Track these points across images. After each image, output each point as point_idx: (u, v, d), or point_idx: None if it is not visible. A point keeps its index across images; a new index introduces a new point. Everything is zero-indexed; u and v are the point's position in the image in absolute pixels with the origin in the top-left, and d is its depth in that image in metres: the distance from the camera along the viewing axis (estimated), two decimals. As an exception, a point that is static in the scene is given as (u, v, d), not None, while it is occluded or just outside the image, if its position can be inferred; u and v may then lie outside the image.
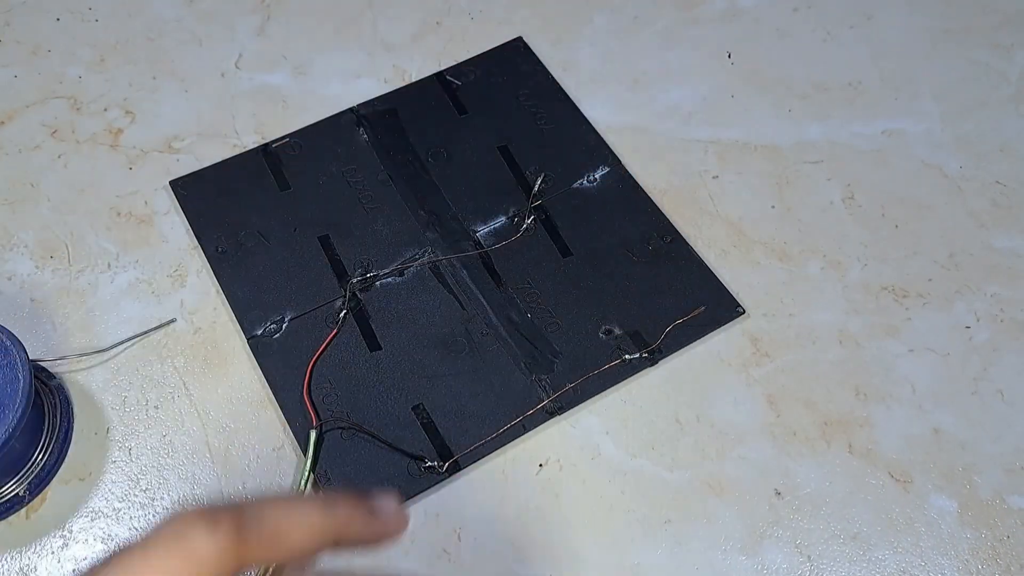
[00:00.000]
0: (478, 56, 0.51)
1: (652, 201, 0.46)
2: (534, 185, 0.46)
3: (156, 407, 0.40)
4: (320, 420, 0.39)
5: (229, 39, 0.52)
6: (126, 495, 0.38)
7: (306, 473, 0.37)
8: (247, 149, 0.48)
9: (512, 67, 0.51)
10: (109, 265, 0.44)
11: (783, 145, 0.48)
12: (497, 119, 0.49)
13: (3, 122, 0.49)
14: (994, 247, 0.45)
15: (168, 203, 0.46)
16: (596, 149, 0.48)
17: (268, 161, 0.47)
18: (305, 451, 0.38)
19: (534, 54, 0.51)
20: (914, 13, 0.53)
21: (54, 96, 0.50)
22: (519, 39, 0.52)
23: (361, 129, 0.48)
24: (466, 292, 0.43)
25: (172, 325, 0.42)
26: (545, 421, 0.40)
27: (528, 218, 0.45)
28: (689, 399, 0.40)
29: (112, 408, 0.40)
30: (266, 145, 0.48)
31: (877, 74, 0.51)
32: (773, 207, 0.46)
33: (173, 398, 0.41)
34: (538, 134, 0.48)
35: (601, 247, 0.44)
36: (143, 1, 0.54)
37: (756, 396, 0.40)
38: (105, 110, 0.49)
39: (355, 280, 0.43)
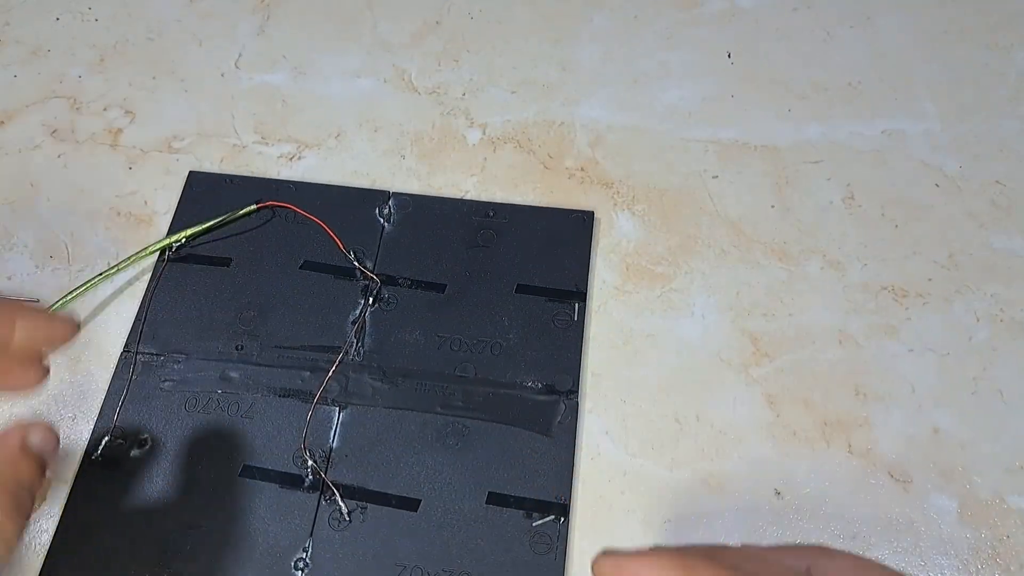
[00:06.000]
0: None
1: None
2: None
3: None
4: None
5: (229, 39, 0.52)
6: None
7: None
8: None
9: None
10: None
11: (783, 145, 0.48)
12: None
13: (3, 122, 0.49)
14: (994, 247, 0.45)
15: (167, 203, 0.46)
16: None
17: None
18: None
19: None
20: (913, 13, 0.53)
21: (54, 96, 0.50)
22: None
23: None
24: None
25: (172, 325, 0.42)
26: (545, 421, 0.40)
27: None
28: (689, 399, 0.40)
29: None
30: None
31: (877, 74, 0.51)
32: (773, 207, 0.46)
33: (173, 398, 0.40)
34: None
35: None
36: (143, 1, 0.54)
37: (756, 396, 0.40)
38: (105, 110, 0.49)
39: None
